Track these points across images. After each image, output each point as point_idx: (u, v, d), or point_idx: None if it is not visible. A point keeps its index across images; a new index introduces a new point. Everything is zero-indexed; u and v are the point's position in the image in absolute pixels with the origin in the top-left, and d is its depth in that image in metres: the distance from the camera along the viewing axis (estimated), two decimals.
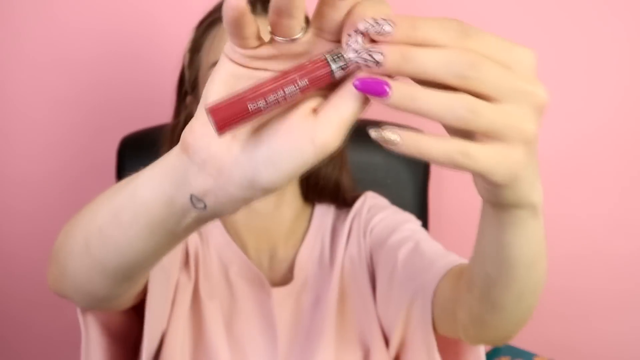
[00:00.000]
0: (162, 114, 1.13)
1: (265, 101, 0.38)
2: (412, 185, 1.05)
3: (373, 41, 0.36)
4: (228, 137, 0.41)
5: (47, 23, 1.17)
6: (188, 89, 0.81)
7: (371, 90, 0.36)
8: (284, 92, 0.38)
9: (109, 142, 1.06)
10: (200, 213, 0.43)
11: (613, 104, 1.24)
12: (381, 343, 0.76)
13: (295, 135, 0.39)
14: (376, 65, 0.35)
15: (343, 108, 0.38)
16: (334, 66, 0.38)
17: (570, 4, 1.19)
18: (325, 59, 0.38)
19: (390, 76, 0.36)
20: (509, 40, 0.37)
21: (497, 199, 0.43)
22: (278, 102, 0.38)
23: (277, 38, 0.38)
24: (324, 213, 0.85)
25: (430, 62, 0.35)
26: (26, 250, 1.25)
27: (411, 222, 0.82)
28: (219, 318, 0.75)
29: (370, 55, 0.36)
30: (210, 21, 0.78)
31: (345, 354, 0.76)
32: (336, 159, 0.84)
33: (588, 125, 1.26)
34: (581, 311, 1.33)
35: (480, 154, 0.37)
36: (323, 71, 0.38)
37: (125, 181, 0.52)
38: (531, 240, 0.47)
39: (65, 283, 0.60)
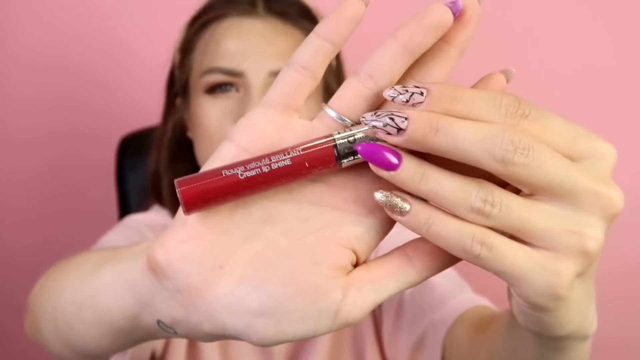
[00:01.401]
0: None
1: (245, 167, 0.30)
2: None
3: None
4: (217, 266, 0.31)
5: (46, 22, 1.17)
6: (178, 91, 0.76)
7: (376, 160, 0.29)
8: (269, 159, 0.30)
9: (109, 141, 1.05)
10: (171, 335, 0.35)
11: (613, 104, 1.24)
12: (376, 356, 0.72)
13: (316, 297, 0.30)
14: (397, 132, 0.28)
15: (384, 289, 0.31)
16: (340, 141, 0.30)
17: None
18: (332, 135, 0.31)
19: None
20: (585, 130, 0.29)
21: (534, 324, 0.33)
22: (260, 169, 0.30)
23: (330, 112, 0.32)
24: None
25: (466, 136, 0.27)
26: (26, 250, 1.25)
27: None
28: (214, 343, 0.72)
29: (391, 118, 0.28)
30: (205, 21, 0.71)
31: None
32: None
33: (588, 125, 1.25)
34: None
35: (508, 250, 0.28)
36: (325, 145, 0.31)
37: (93, 260, 0.43)
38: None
39: (39, 339, 0.51)
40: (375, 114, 0.29)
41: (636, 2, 1.20)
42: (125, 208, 1.01)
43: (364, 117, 0.30)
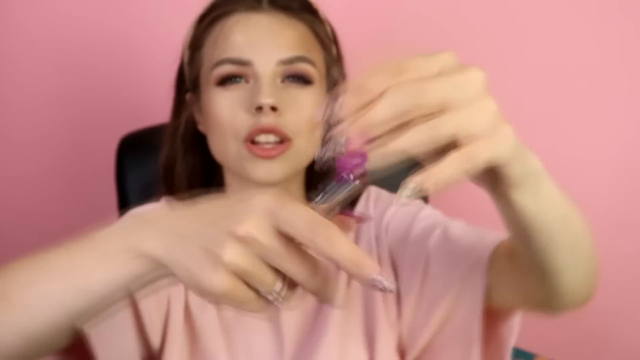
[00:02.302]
0: (162, 113, 1.13)
1: None
2: None
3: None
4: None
5: (47, 23, 1.17)
6: (189, 87, 0.79)
7: (350, 167, 0.40)
8: None
9: (109, 141, 1.06)
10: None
11: (613, 103, 1.24)
12: (388, 343, 0.75)
13: None
14: (342, 147, 0.39)
15: None
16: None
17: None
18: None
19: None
20: (424, 55, 0.41)
21: (509, 181, 0.45)
22: None
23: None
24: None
25: (380, 116, 0.38)
26: (26, 249, 1.25)
27: (425, 208, 0.79)
28: (216, 327, 0.75)
29: (335, 143, 0.40)
30: (213, 18, 0.74)
31: (349, 353, 0.75)
32: None
33: (588, 125, 1.25)
34: (581, 311, 1.33)
35: (478, 149, 0.40)
36: None
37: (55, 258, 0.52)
38: (551, 199, 0.51)
39: None
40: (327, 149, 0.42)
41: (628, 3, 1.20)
42: (126, 207, 1.01)
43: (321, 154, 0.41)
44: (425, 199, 1.07)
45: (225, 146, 0.72)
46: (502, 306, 0.69)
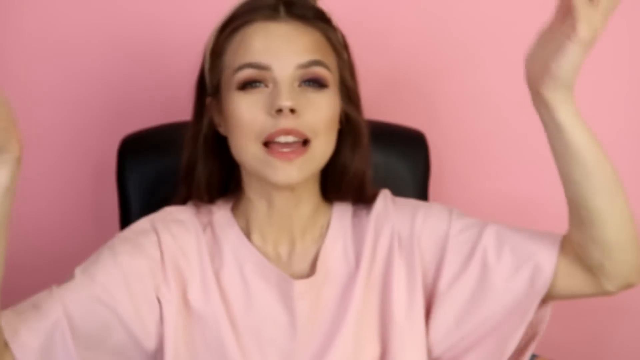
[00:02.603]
0: (163, 114, 1.13)
1: None
2: (412, 185, 1.05)
3: None
4: None
5: (49, 24, 1.17)
6: (210, 92, 0.83)
7: None
8: None
9: (110, 142, 1.06)
10: None
11: (614, 104, 1.25)
12: (403, 340, 0.81)
13: None
14: None
15: None
16: None
17: None
18: None
19: None
20: None
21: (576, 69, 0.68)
22: None
23: None
24: (343, 211, 0.87)
25: None
26: (26, 249, 1.25)
27: (454, 212, 0.86)
28: (223, 318, 0.79)
29: None
30: (234, 27, 0.79)
31: (364, 349, 0.80)
32: (364, 155, 0.86)
33: (588, 125, 1.26)
34: (581, 311, 1.33)
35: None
36: None
37: None
38: (588, 135, 0.72)
39: None
40: None
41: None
42: (127, 209, 1.01)
43: None
44: (426, 196, 1.08)
45: (245, 148, 0.77)
46: (557, 295, 0.80)
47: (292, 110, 0.74)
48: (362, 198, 0.87)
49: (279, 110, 0.74)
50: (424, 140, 1.07)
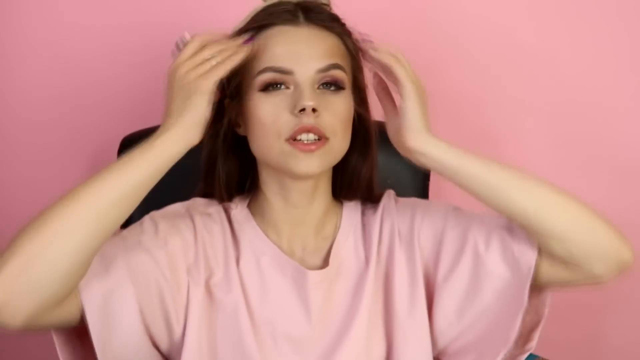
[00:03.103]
0: (162, 114, 1.14)
1: None
2: (412, 185, 1.05)
3: None
4: None
5: (48, 23, 1.17)
6: (229, 94, 0.86)
7: None
8: None
9: (110, 142, 1.06)
10: None
11: (616, 105, 1.25)
12: (407, 337, 0.85)
13: None
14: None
15: None
16: None
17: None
18: None
19: None
20: None
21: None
22: None
23: None
24: (353, 210, 0.92)
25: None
26: None
27: (450, 208, 0.91)
28: (242, 308, 0.83)
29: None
30: (255, 31, 0.82)
31: (373, 347, 0.85)
32: (373, 157, 0.91)
33: (587, 125, 1.26)
34: (581, 311, 1.33)
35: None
36: None
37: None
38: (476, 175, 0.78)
39: (25, 278, 0.68)
40: None
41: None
42: None
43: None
44: (426, 196, 1.08)
45: (268, 146, 0.81)
46: (549, 282, 0.84)
47: (314, 110, 0.78)
48: (370, 197, 0.92)
49: (302, 110, 0.78)
50: None
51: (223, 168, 0.87)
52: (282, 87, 0.81)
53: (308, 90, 0.79)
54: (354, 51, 0.85)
